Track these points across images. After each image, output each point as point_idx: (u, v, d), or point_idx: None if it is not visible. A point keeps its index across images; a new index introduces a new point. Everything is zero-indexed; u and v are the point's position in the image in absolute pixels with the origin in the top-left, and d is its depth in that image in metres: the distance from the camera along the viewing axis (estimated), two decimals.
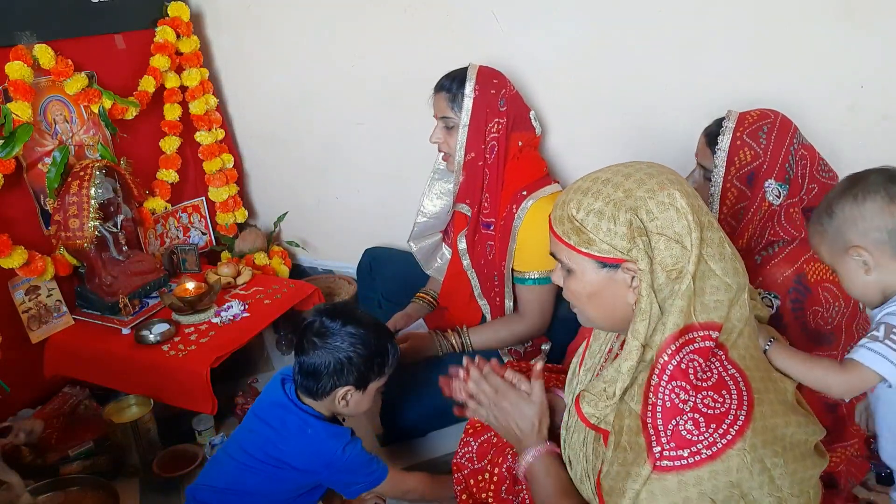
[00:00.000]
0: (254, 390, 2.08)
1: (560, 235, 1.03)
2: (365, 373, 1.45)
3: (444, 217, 2.07)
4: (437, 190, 2.03)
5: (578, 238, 1.00)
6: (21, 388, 1.96)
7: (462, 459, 1.47)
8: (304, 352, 1.44)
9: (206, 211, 2.70)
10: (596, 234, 0.98)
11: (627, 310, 1.01)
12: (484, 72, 1.84)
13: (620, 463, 0.96)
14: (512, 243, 1.86)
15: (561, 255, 1.06)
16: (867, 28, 1.69)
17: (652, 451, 0.91)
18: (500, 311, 1.98)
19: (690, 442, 0.89)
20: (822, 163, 1.54)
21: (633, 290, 0.99)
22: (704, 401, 0.91)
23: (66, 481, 1.71)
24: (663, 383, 0.93)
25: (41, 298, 2.02)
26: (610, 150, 2.13)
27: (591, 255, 0.99)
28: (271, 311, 2.20)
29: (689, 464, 0.89)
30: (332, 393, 1.44)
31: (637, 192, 0.97)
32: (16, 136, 1.91)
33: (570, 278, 1.06)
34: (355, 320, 1.46)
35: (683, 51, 1.90)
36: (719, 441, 0.88)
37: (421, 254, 2.18)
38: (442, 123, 1.87)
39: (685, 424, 0.90)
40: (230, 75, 2.68)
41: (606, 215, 0.97)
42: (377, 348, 1.46)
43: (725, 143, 1.51)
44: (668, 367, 0.93)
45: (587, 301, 1.05)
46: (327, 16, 2.38)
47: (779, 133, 1.49)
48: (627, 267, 0.98)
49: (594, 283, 1.02)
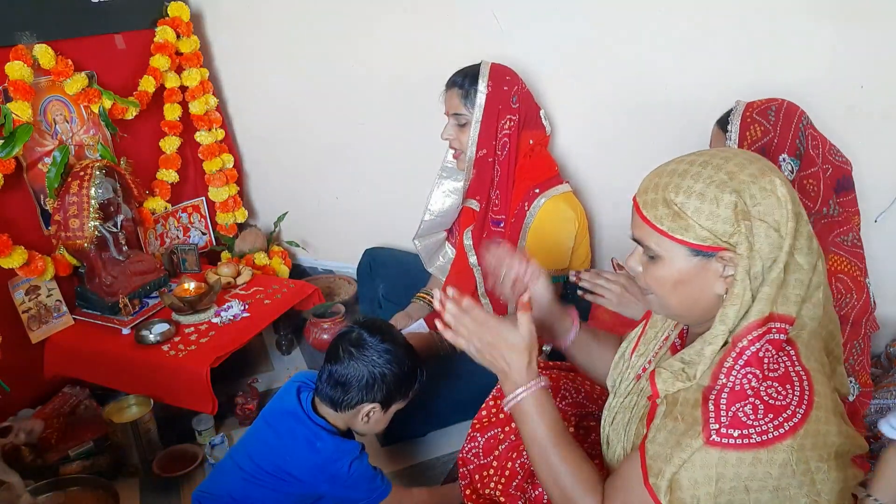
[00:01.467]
0: (254, 390, 2.08)
1: (651, 220, 0.97)
2: (393, 392, 1.42)
3: (450, 215, 2.07)
4: (445, 188, 2.03)
5: (674, 224, 0.94)
6: (21, 388, 1.96)
7: (468, 454, 1.47)
8: (338, 360, 1.40)
9: (206, 211, 2.70)
10: (697, 218, 0.92)
11: (712, 300, 0.98)
12: (497, 69, 1.84)
13: (669, 431, 0.96)
14: (522, 241, 1.86)
15: (648, 240, 0.99)
16: (867, 28, 1.69)
17: (708, 428, 0.91)
18: (503, 311, 1.98)
19: (744, 424, 0.89)
20: (834, 148, 1.58)
21: (723, 279, 0.96)
22: (768, 390, 0.90)
23: (66, 481, 1.71)
24: (737, 366, 0.92)
25: (41, 298, 2.02)
26: (610, 149, 2.13)
27: (686, 243, 0.94)
28: (271, 311, 2.20)
29: (735, 444, 0.89)
30: (356, 408, 1.40)
31: (740, 176, 0.92)
32: (16, 136, 1.90)
33: (656, 265, 1.00)
34: (392, 339, 1.44)
35: (684, 50, 1.90)
36: (772, 431, 0.88)
37: (424, 251, 2.18)
38: (454, 120, 1.86)
39: (744, 408, 0.90)
40: (230, 75, 2.69)
41: (709, 198, 0.92)
42: (410, 370, 1.44)
43: (736, 123, 1.55)
44: (746, 351, 0.92)
45: (671, 289, 1.00)
46: (328, 16, 2.38)
47: (787, 112, 1.54)
48: (722, 256, 0.94)
49: (683, 272, 0.97)
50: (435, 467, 1.84)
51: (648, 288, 1.04)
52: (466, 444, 1.50)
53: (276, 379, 2.26)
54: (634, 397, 1.15)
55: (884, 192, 1.84)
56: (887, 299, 1.86)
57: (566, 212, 1.86)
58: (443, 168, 2.02)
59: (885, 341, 1.94)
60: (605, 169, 2.16)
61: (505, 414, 1.51)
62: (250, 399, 2.04)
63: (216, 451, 1.86)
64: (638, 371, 1.18)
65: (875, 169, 1.81)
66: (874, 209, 1.85)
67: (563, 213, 1.86)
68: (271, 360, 2.39)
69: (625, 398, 1.17)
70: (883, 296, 1.82)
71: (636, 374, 1.18)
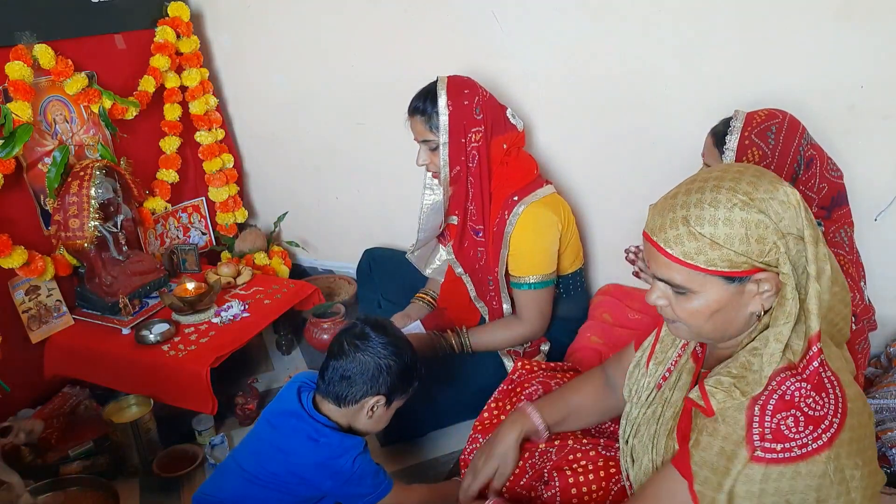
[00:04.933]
0: (254, 390, 2.08)
1: (679, 257, 0.93)
2: (397, 385, 1.43)
3: (438, 229, 2.07)
4: (430, 204, 2.03)
5: (705, 256, 0.91)
6: (21, 388, 1.96)
7: (471, 456, 1.48)
8: (342, 354, 1.41)
9: (206, 211, 2.70)
10: (730, 245, 0.90)
11: (745, 319, 0.97)
12: (454, 83, 1.81)
13: (710, 433, 0.96)
14: (504, 249, 1.85)
15: (676, 278, 0.96)
16: (867, 28, 1.69)
17: (751, 435, 0.91)
18: (498, 314, 1.98)
19: (787, 438, 0.89)
20: (831, 162, 1.55)
21: (760, 297, 0.94)
22: (807, 400, 0.90)
23: (66, 481, 1.71)
24: (791, 379, 0.92)
25: (41, 298, 2.02)
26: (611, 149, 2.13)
27: (720, 272, 0.92)
28: (271, 311, 2.20)
29: (779, 458, 0.89)
30: (361, 401, 1.41)
31: (757, 194, 0.91)
32: (16, 136, 1.91)
33: (688, 299, 0.97)
34: (394, 333, 1.46)
35: (683, 50, 1.90)
36: (811, 444, 0.88)
37: (418, 260, 2.18)
38: (425, 146, 1.85)
39: (786, 420, 0.90)
40: (230, 75, 2.69)
41: (737, 222, 0.90)
42: (411, 363, 1.46)
43: (734, 142, 1.49)
44: (806, 370, 0.92)
45: (706, 319, 0.97)
46: (327, 15, 2.38)
47: (787, 133, 1.49)
48: (757, 277, 0.92)
49: (719, 301, 0.95)
50: (435, 467, 1.84)
51: (678, 319, 1.01)
52: (468, 445, 1.50)
53: (276, 379, 2.26)
54: (658, 408, 1.14)
55: (884, 193, 1.83)
56: (887, 300, 1.86)
57: (547, 216, 1.85)
58: (425, 185, 2.03)
59: (885, 341, 1.94)
60: (605, 167, 2.16)
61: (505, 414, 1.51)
62: (250, 399, 2.04)
63: (216, 452, 1.86)
64: (658, 380, 1.17)
65: (875, 169, 1.80)
66: (874, 209, 1.85)
67: (544, 219, 1.85)
68: (271, 360, 2.39)
69: (647, 409, 1.16)
70: (882, 296, 1.82)
71: (656, 384, 1.17)
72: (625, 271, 2.01)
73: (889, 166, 1.81)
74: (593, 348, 1.94)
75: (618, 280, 2.24)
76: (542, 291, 1.89)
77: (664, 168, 2.02)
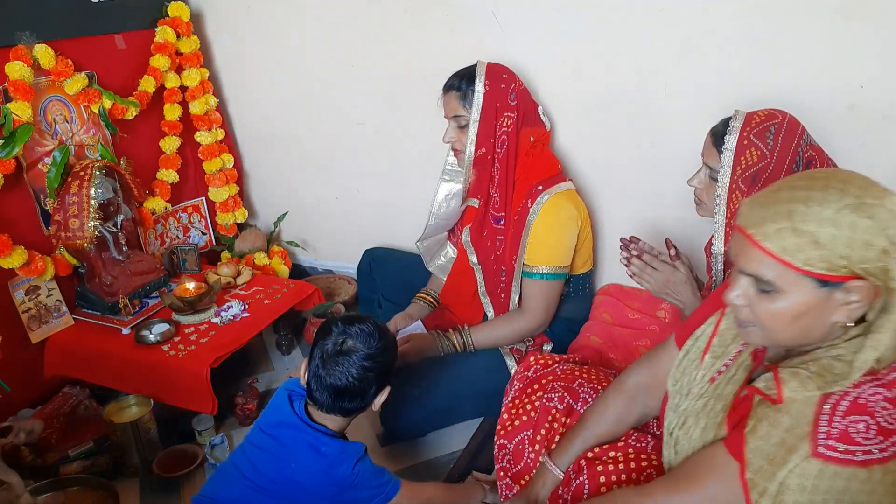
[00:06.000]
0: (254, 390, 2.08)
1: (775, 252, 0.90)
2: (390, 364, 1.44)
3: (454, 217, 2.07)
4: (448, 191, 2.02)
5: (805, 254, 0.88)
6: (21, 388, 1.96)
7: (504, 462, 1.48)
8: (334, 377, 1.36)
9: (206, 211, 2.70)
10: (833, 246, 0.87)
11: (826, 328, 0.94)
12: (493, 67, 1.84)
13: (771, 423, 0.94)
14: (525, 237, 1.86)
15: (768, 274, 0.92)
16: (867, 28, 1.69)
17: (817, 431, 0.90)
18: (503, 309, 1.98)
19: (854, 441, 0.88)
20: (831, 163, 1.53)
21: (847, 306, 0.91)
22: (884, 411, 0.88)
23: (66, 481, 1.71)
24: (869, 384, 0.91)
25: (41, 298, 2.02)
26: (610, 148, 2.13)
27: (815, 274, 0.88)
28: (271, 311, 2.20)
29: (840, 459, 0.88)
30: (368, 405, 1.42)
31: (866, 199, 0.87)
32: (16, 136, 1.91)
33: (772, 299, 0.94)
34: (356, 319, 1.42)
35: (684, 50, 1.90)
36: (876, 453, 0.87)
37: (426, 251, 2.18)
38: (454, 123, 1.86)
39: (857, 424, 0.88)
40: (230, 75, 2.69)
41: (845, 224, 0.86)
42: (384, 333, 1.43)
43: (732, 142, 1.48)
44: (887, 377, 0.91)
45: (788, 322, 0.94)
46: (327, 16, 2.38)
47: (786, 133, 1.47)
48: (850, 285, 0.89)
49: (806, 304, 0.91)
50: (435, 467, 1.84)
51: (756, 321, 0.98)
52: (498, 452, 1.50)
53: (276, 379, 2.26)
54: (710, 401, 1.12)
55: None
56: None
57: (569, 209, 1.87)
58: (444, 171, 2.02)
59: None
60: (606, 168, 2.16)
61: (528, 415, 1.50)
62: (250, 399, 2.04)
63: (216, 452, 1.86)
64: (713, 374, 1.14)
65: (875, 169, 1.78)
66: None
67: (567, 211, 1.86)
68: (271, 360, 2.39)
69: (697, 401, 1.14)
70: None
71: (711, 377, 1.14)
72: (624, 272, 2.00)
73: (889, 167, 1.81)
74: (593, 347, 1.95)
75: (618, 280, 2.24)
76: (552, 283, 1.89)
77: (664, 168, 2.02)
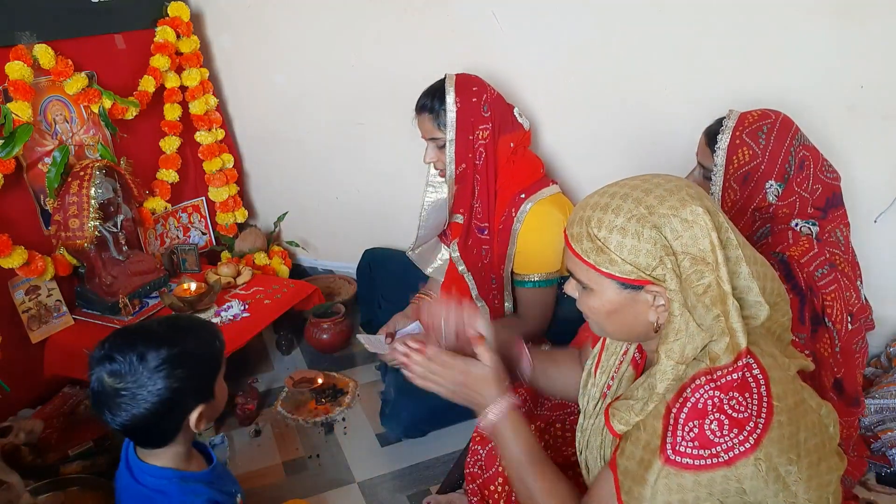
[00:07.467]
0: (254, 390, 2.08)
1: (579, 254, 0.98)
2: (205, 381, 1.19)
3: (441, 225, 2.07)
4: (433, 201, 2.02)
5: (599, 258, 0.95)
6: (21, 388, 1.96)
7: (475, 468, 1.47)
8: (115, 413, 1.11)
9: (206, 211, 2.70)
10: (619, 253, 0.93)
11: (647, 326, 0.99)
12: (462, 80, 1.81)
13: (633, 442, 0.97)
14: (511, 247, 1.86)
15: (579, 273, 1.01)
16: (867, 28, 1.69)
17: (665, 442, 0.92)
18: (499, 313, 1.98)
19: (712, 443, 0.89)
20: (826, 163, 1.53)
21: (654, 308, 0.96)
22: (730, 402, 0.90)
23: (66, 481, 1.70)
24: (706, 387, 0.92)
25: (41, 298, 2.02)
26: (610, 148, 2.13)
27: (613, 276, 0.95)
28: (271, 311, 2.20)
29: (706, 465, 0.89)
30: (182, 429, 1.18)
31: (659, 209, 0.93)
32: (16, 136, 1.91)
33: (588, 295, 1.01)
34: (147, 340, 1.12)
35: (683, 50, 1.90)
36: (737, 447, 0.88)
37: (419, 259, 2.18)
38: (433, 143, 1.85)
39: (710, 425, 0.90)
40: (230, 75, 2.69)
41: (630, 233, 0.93)
42: (200, 348, 1.18)
43: (724, 141, 1.50)
44: (722, 379, 0.92)
45: (605, 317, 1.02)
46: (327, 15, 2.38)
47: (779, 133, 1.48)
48: (649, 289, 0.94)
49: (614, 302, 0.98)
50: (435, 467, 1.84)
51: (584, 314, 1.07)
52: (470, 457, 1.49)
53: (276, 379, 2.26)
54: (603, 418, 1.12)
55: (883, 194, 1.84)
56: (886, 300, 1.86)
57: (554, 215, 1.85)
58: (428, 182, 2.03)
59: (885, 341, 1.94)
60: (595, 166, 2.16)
61: None
62: (250, 399, 2.04)
63: (216, 451, 1.86)
64: (603, 389, 1.17)
65: (875, 169, 1.81)
66: (874, 210, 1.85)
67: (551, 217, 1.85)
68: (271, 360, 2.39)
69: (594, 419, 1.16)
70: (882, 297, 1.82)
71: (601, 393, 1.17)
72: None
73: (889, 167, 1.81)
74: None
75: None
76: (545, 290, 1.89)
77: (663, 167, 2.01)
